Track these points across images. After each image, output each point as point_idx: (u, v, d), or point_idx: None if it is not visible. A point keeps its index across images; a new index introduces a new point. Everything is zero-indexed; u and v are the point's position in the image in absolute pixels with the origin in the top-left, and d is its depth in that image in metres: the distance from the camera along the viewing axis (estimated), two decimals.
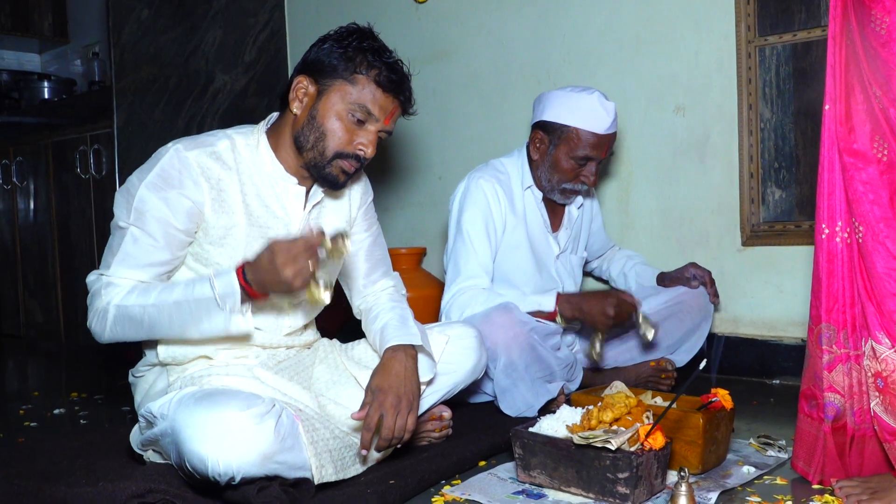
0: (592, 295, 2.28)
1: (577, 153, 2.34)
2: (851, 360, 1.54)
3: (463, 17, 3.32)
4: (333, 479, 1.60)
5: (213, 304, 1.55)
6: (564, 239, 2.54)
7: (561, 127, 2.35)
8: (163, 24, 3.43)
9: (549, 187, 2.43)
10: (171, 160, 1.65)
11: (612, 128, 2.36)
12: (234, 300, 1.55)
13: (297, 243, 1.49)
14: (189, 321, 1.58)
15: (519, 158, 2.49)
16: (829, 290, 1.55)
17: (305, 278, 1.50)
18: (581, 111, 2.33)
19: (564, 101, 2.36)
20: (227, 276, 1.56)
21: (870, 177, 1.49)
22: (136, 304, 1.60)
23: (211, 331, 1.59)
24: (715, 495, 1.56)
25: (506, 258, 2.43)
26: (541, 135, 2.40)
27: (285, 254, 1.48)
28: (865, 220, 1.49)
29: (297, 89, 1.72)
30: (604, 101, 2.34)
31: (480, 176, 2.41)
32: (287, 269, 1.48)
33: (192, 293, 1.57)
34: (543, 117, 2.39)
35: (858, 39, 1.51)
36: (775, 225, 2.64)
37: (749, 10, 2.63)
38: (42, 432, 2.25)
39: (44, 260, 4.00)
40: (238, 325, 1.57)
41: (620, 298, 2.23)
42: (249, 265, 1.55)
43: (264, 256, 1.51)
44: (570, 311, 2.27)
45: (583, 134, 2.33)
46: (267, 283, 1.53)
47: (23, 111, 4.35)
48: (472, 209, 2.38)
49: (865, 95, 1.50)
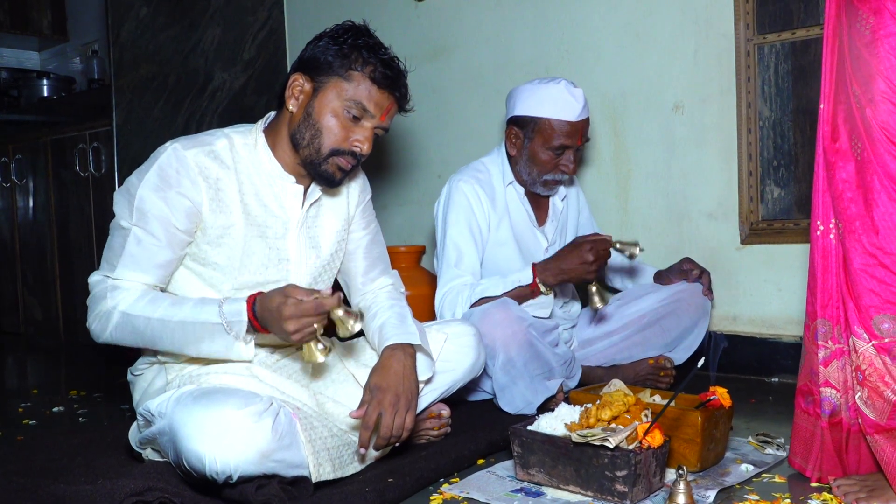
0: (565, 251, 2.29)
1: (552, 143, 2.36)
2: (845, 355, 1.55)
3: (461, 14, 3.32)
4: (331, 477, 1.60)
5: (219, 329, 1.57)
6: (552, 232, 2.54)
7: (533, 119, 2.37)
8: (162, 23, 3.43)
9: (531, 180, 2.44)
10: (169, 159, 1.65)
11: (584, 114, 2.37)
12: (240, 328, 1.56)
13: (310, 302, 1.48)
14: (191, 341, 1.59)
15: (498, 156, 2.51)
16: (823, 286, 1.57)
17: (304, 337, 1.51)
18: (550, 101, 2.34)
19: (533, 93, 2.38)
20: (237, 305, 1.57)
21: (849, 175, 1.52)
22: (142, 315, 1.60)
23: (210, 353, 1.60)
24: (713, 493, 1.57)
25: (494, 256, 2.44)
26: (515, 130, 2.42)
27: (294, 308, 1.48)
28: (843, 217, 1.52)
29: (292, 87, 1.72)
30: (571, 89, 2.36)
31: (460, 178, 2.43)
32: (290, 323, 1.49)
33: (199, 315, 1.58)
34: (515, 112, 2.42)
35: (846, 39, 1.52)
36: (774, 223, 2.64)
37: (748, 9, 2.63)
38: (41, 430, 2.25)
39: (43, 258, 4.00)
40: (239, 352, 1.59)
41: (592, 241, 2.24)
42: (260, 300, 1.56)
43: (275, 300, 1.52)
44: (552, 278, 2.29)
45: (555, 123, 2.34)
46: (269, 325, 1.54)
47: (22, 109, 4.35)
48: (454, 213, 2.40)
49: (846, 95, 1.52)
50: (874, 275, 1.48)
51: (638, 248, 2.24)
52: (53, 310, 3.96)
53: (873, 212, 1.47)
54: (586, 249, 2.23)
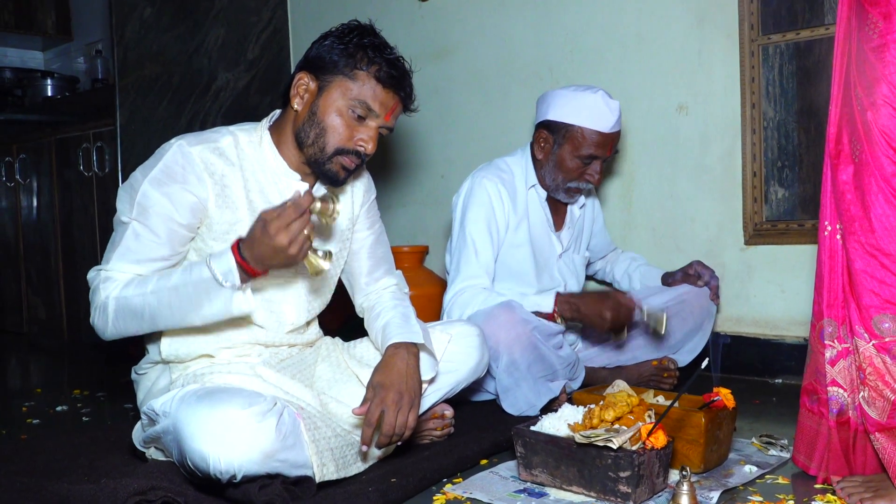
0: (591, 296, 2.28)
1: (581, 152, 2.34)
2: (851, 354, 1.56)
3: (465, 15, 3.32)
4: (335, 477, 1.60)
5: (213, 284, 1.53)
6: (567, 238, 2.54)
7: (566, 126, 2.35)
8: (166, 22, 3.44)
9: (554, 186, 2.43)
10: (175, 156, 1.65)
11: (617, 126, 2.36)
12: (232, 278, 1.53)
13: (287, 209, 1.46)
14: (189, 305, 1.57)
15: (522, 157, 2.49)
16: (830, 285, 1.58)
17: (302, 245, 1.48)
18: (585, 110, 2.33)
19: (569, 100, 2.36)
20: (223, 256, 1.54)
21: (848, 177, 1.53)
22: (135, 293, 1.59)
23: (213, 314, 1.57)
24: (717, 494, 1.56)
25: (508, 257, 2.43)
26: (545, 134, 2.40)
27: (277, 222, 1.46)
28: (844, 218, 1.53)
29: (297, 86, 1.72)
30: (608, 100, 2.34)
31: (484, 175, 2.41)
32: (281, 236, 1.46)
33: (191, 276, 1.56)
34: (548, 116, 2.39)
35: (854, 41, 1.52)
36: (778, 224, 2.64)
37: (752, 9, 2.62)
38: (44, 429, 2.25)
39: (46, 257, 4.01)
40: (239, 304, 1.55)
41: (618, 301, 2.22)
42: (244, 241, 1.52)
43: (257, 228, 1.49)
44: (569, 312, 2.28)
45: (587, 133, 2.33)
46: (264, 257, 1.50)
47: (26, 108, 4.36)
48: (475, 209, 2.38)
49: (849, 97, 1.53)
50: (874, 275, 1.48)
51: (664, 325, 2.22)
52: (57, 309, 3.97)
53: (871, 213, 1.48)
54: (609, 306, 2.21)
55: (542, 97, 2.47)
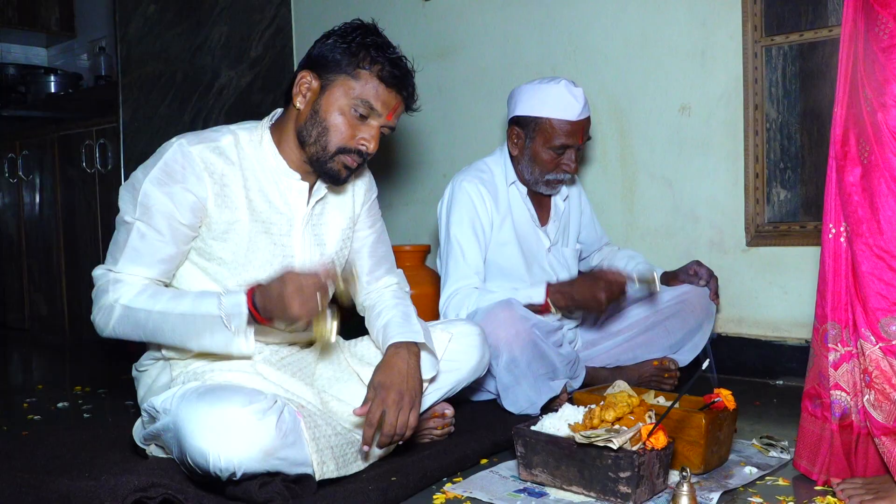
0: (581, 281, 2.30)
1: (553, 143, 2.36)
2: (855, 357, 1.55)
3: (468, 14, 3.32)
4: (335, 475, 1.61)
5: (218, 322, 1.57)
6: (554, 232, 2.55)
7: (534, 119, 2.38)
8: (169, 20, 3.44)
9: (533, 180, 2.45)
10: (175, 155, 1.65)
11: (585, 113, 2.38)
12: (239, 322, 1.56)
13: (310, 279, 1.50)
14: (191, 334, 1.59)
15: (501, 156, 2.51)
16: (834, 288, 1.57)
17: (312, 314, 1.51)
18: (551, 101, 2.35)
19: (533, 93, 2.39)
20: (236, 297, 1.57)
21: (856, 178, 1.52)
22: (143, 308, 1.60)
23: (211, 347, 1.60)
24: (717, 496, 1.56)
25: (496, 255, 2.44)
26: (517, 130, 2.43)
27: (296, 287, 1.49)
28: (851, 219, 1.52)
29: (300, 84, 1.72)
30: (572, 88, 2.36)
31: (463, 178, 2.43)
32: (295, 303, 1.49)
33: (199, 308, 1.58)
34: (516, 112, 2.43)
35: (861, 42, 1.52)
36: (780, 225, 2.63)
37: (756, 10, 2.62)
38: (45, 426, 2.25)
39: (49, 253, 4.01)
40: (240, 347, 1.58)
41: (608, 279, 2.25)
42: (260, 290, 1.55)
43: (275, 286, 1.52)
44: (562, 301, 2.29)
45: (556, 123, 2.35)
46: (273, 313, 1.54)
47: (29, 105, 4.36)
48: (458, 212, 2.40)
49: (857, 98, 1.52)
50: (882, 277, 1.48)
51: (657, 283, 2.26)
52: (59, 306, 3.97)
53: (879, 215, 1.47)
54: (600, 287, 2.24)
55: (510, 94, 2.50)
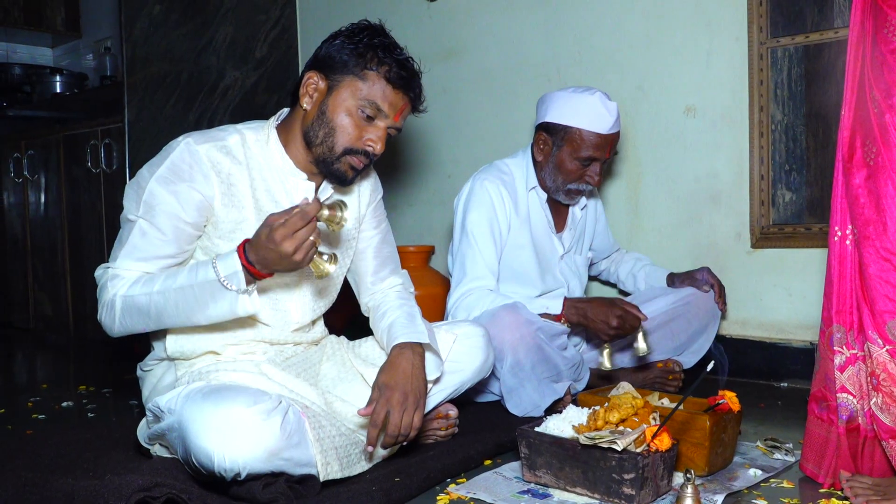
0: (599, 303, 2.27)
1: (580, 154, 2.34)
2: (860, 360, 1.55)
3: (474, 15, 3.32)
4: (339, 476, 1.61)
5: (218, 286, 1.54)
6: (569, 240, 2.54)
7: (564, 128, 2.36)
8: (174, 20, 3.44)
9: (554, 188, 2.43)
10: (182, 154, 1.65)
11: (615, 127, 2.36)
12: (238, 280, 1.53)
13: (294, 216, 1.46)
14: (195, 306, 1.57)
15: (523, 159, 2.49)
16: (839, 291, 1.56)
17: (307, 252, 1.49)
18: (583, 112, 2.33)
19: (567, 102, 2.36)
20: (229, 258, 1.54)
21: (862, 180, 1.51)
22: (142, 292, 1.59)
23: (218, 315, 1.57)
24: (721, 497, 1.56)
25: (510, 259, 2.43)
26: (544, 136, 2.41)
27: (283, 228, 1.46)
28: (858, 221, 1.52)
29: (307, 85, 1.72)
30: (606, 101, 2.34)
31: (485, 178, 2.42)
32: (286, 243, 1.46)
33: (196, 277, 1.56)
34: (546, 119, 2.40)
35: (869, 43, 1.51)
36: (785, 227, 2.63)
37: (761, 12, 2.62)
38: (50, 425, 2.26)
39: (53, 253, 4.02)
40: (244, 305, 1.55)
41: (626, 310, 2.21)
42: (250, 244, 1.52)
43: (262, 233, 1.49)
44: (575, 317, 2.28)
45: (586, 134, 2.33)
46: (269, 261, 1.51)
47: (35, 105, 4.37)
48: (476, 211, 2.38)
49: (863, 100, 1.51)
50: (888, 280, 1.47)
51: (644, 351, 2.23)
52: (63, 305, 3.98)
53: (886, 216, 1.47)
54: (615, 314, 2.21)
55: (541, 99, 2.47)
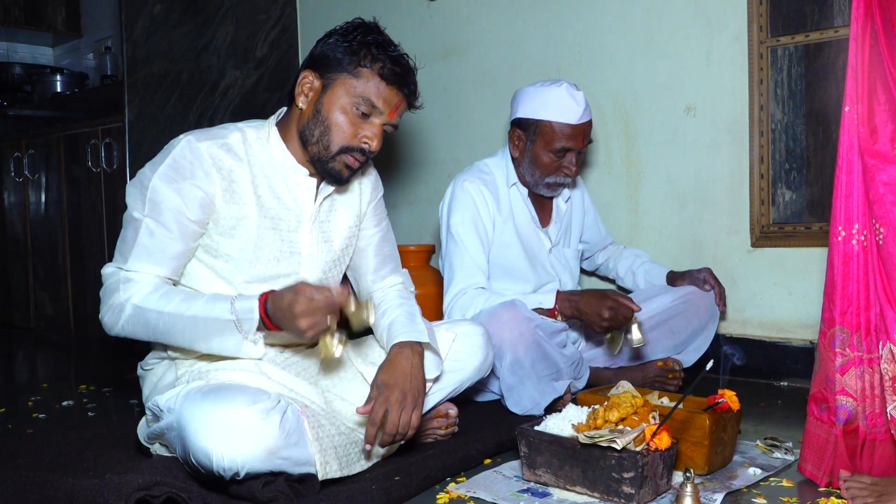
0: (591, 295, 2.28)
1: (554, 146, 2.36)
2: (864, 363, 1.53)
3: (474, 14, 3.32)
4: (338, 475, 1.61)
5: (230, 326, 1.58)
6: (555, 233, 2.55)
7: (535, 122, 2.38)
8: (175, 20, 3.44)
9: (534, 182, 2.45)
10: (183, 151, 1.66)
11: (585, 116, 2.38)
12: (250, 326, 1.57)
13: (321, 298, 1.50)
14: (201, 337, 1.60)
15: (503, 158, 2.51)
16: (843, 292, 1.54)
17: (318, 332, 1.52)
18: (552, 104, 2.35)
19: (535, 96, 2.39)
20: (249, 303, 1.58)
21: (890, 177, 1.47)
22: (154, 309, 1.61)
23: (220, 349, 1.62)
24: (720, 496, 1.56)
25: (499, 256, 2.45)
26: (518, 132, 2.43)
27: (306, 304, 1.49)
28: (886, 221, 1.47)
29: (302, 84, 1.72)
30: (573, 92, 2.36)
31: (465, 179, 2.44)
32: (303, 320, 1.50)
33: (212, 311, 1.59)
34: (518, 115, 2.43)
35: (883, 39, 1.48)
36: (785, 226, 2.63)
37: (761, 11, 2.61)
38: (50, 424, 2.26)
39: (54, 252, 4.02)
40: (249, 351, 1.60)
41: (618, 301, 2.22)
42: (272, 298, 1.56)
43: (287, 298, 1.52)
44: (568, 309, 2.29)
45: (556, 126, 2.35)
46: (281, 323, 1.56)
47: (35, 104, 4.37)
48: (459, 212, 2.40)
49: (888, 95, 1.48)
50: None
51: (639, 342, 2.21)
52: (64, 305, 3.98)
53: None
54: (607, 306, 2.21)
55: (513, 95, 2.50)
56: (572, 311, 2.29)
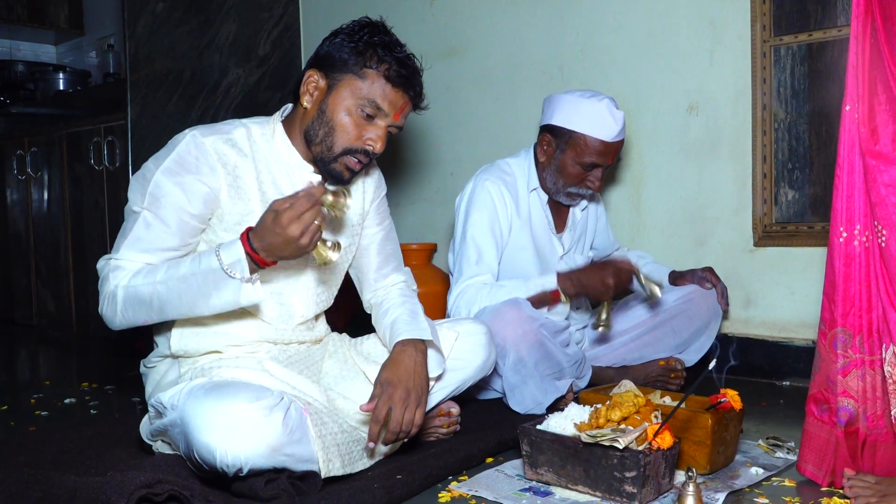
0: (590, 268, 2.30)
1: (584, 159, 2.34)
2: (866, 364, 1.52)
3: (476, 13, 3.31)
4: (341, 473, 1.61)
5: (222, 274, 1.53)
6: (569, 240, 2.54)
7: (569, 132, 2.35)
8: (177, 18, 3.44)
9: (555, 189, 2.44)
10: (188, 146, 1.65)
11: (620, 135, 2.36)
12: (241, 268, 1.53)
13: (299, 199, 1.46)
14: (198, 295, 1.57)
15: (526, 160, 2.49)
16: (845, 294, 1.53)
17: (312, 235, 1.49)
18: (590, 118, 2.32)
19: (575, 106, 2.35)
20: (232, 246, 1.54)
21: (892, 179, 1.45)
22: (144, 282, 1.59)
23: (221, 304, 1.57)
24: (722, 496, 1.56)
25: (511, 259, 2.44)
26: (549, 138, 2.41)
27: (289, 212, 1.46)
28: (889, 223, 1.46)
29: (307, 83, 1.72)
30: (613, 109, 2.33)
31: (487, 178, 2.41)
32: (292, 226, 1.46)
33: (200, 266, 1.56)
34: (552, 121, 2.39)
35: (883, 38, 1.47)
36: (787, 226, 2.63)
37: (764, 10, 2.61)
38: (53, 421, 2.26)
39: (56, 250, 4.03)
40: (248, 294, 1.55)
41: (617, 266, 2.24)
42: (254, 231, 1.52)
43: (268, 218, 1.49)
44: (572, 288, 2.29)
45: (590, 141, 2.33)
46: (274, 246, 1.50)
47: (38, 102, 4.37)
48: (478, 211, 2.38)
49: (889, 95, 1.47)
50: None
51: (658, 290, 2.25)
52: (66, 302, 3.98)
53: None
54: (609, 272, 2.23)
55: (548, 99, 2.46)
56: (576, 289, 2.28)
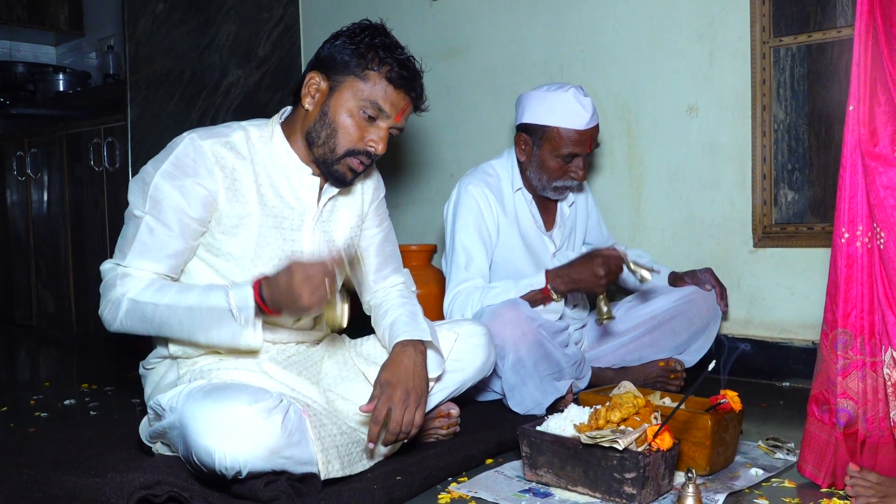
0: (578, 262, 2.30)
1: (561, 151, 2.35)
2: (867, 366, 1.52)
3: (476, 14, 3.31)
4: (340, 474, 1.61)
5: (226, 314, 1.57)
6: (559, 237, 2.54)
7: (542, 128, 2.36)
8: (177, 18, 3.44)
9: (541, 186, 2.44)
10: (186, 149, 1.66)
11: (593, 121, 2.36)
12: (247, 314, 1.56)
13: (317, 267, 1.50)
14: (198, 327, 1.60)
15: (508, 160, 2.50)
16: (846, 295, 1.52)
17: (322, 302, 1.52)
18: (560, 110, 2.33)
19: (541, 101, 2.37)
20: (243, 290, 1.57)
21: (890, 181, 1.45)
22: (151, 301, 1.61)
23: (219, 340, 1.60)
24: (722, 497, 1.56)
25: (503, 259, 2.44)
26: (524, 137, 2.42)
27: (304, 276, 1.49)
28: (887, 224, 1.45)
29: (309, 85, 1.72)
30: (580, 97, 2.34)
31: (470, 182, 2.43)
32: (304, 292, 1.49)
33: (207, 301, 1.58)
34: (524, 119, 2.41)
35: (883, 39, 1.46)
36: (787, 227, 2.63)
37: (764, 11, 2.61)
38: (52, 423, 2.26)
39: (57, 251, 4.03)
40: (247, 339, 1.59)
41: (605, 255, 2.24)
42: (267, 282, 1.56)
43: (283, 277, 1.52)
44: (562, 285, 2.29)
45: (564, 132, 2.34)
46: (282, 304, 1.54)
47: (38, 103, 4.38)
48: (464, 216, 2.39)
49: (888, 96, 1.46)
50: None
51: (650, 274, 2.25)
52: (66, 303, 3.98)
53: None
54: (598, 263, 2.23)
55: (517, 99, 2.48)
56: (566, 286, 2.28)
